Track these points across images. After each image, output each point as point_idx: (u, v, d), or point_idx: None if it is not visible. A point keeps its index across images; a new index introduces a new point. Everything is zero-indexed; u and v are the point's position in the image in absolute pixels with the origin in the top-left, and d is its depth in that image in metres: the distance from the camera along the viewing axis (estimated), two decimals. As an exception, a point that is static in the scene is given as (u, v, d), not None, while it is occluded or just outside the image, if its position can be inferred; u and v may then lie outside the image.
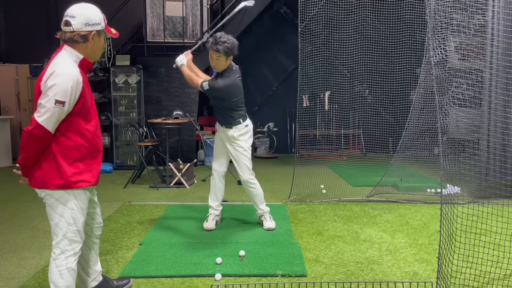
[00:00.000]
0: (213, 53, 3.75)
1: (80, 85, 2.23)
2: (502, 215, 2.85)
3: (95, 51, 2.34)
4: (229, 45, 3.71)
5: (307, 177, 5.67)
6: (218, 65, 3.79)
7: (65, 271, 2.31)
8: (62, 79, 2.16)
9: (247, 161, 3.94)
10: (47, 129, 2.16)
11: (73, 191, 2.28)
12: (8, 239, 3.88)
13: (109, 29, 2.39)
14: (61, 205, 2.29)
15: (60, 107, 2.15)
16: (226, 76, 3.82)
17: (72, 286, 2.35)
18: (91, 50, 2.31)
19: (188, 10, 8.15)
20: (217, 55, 3.73)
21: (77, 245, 2.35)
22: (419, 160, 5.44)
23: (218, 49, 3.69)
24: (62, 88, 2.15)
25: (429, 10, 2.97)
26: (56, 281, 2.31)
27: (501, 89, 4.67)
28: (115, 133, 7.68)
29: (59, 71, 2.18)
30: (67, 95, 2.16)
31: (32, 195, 5.88)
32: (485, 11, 4.48)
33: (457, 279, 2.64)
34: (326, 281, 2.91)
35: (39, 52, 8.54)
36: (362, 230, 4.04)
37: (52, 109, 2.14)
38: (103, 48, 2.38)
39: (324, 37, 6.28)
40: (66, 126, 2.24)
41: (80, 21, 2.26)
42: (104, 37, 2.38)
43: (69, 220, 2.30)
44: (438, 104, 2.80)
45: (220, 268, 3.12)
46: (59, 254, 2.31)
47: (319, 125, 8.16)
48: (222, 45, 3.69)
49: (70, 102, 2.19)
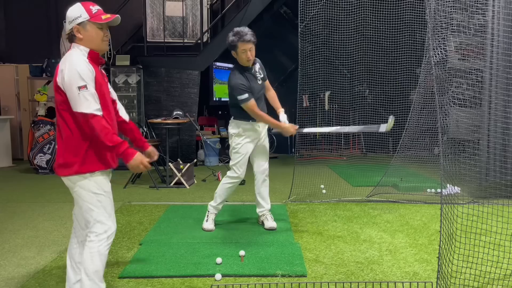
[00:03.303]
0: (247, 45, 3.72)
1: (91, 69, 2.31)
2: (502, 215, 2.84)
3: (91, 41, 2.39)
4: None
5: (307, 177, 5.67)
6: (252, 55, 3.81)
7: (96, 255, 2.37)
8: (70, 68, 2.27)
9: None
10: (88, 112, 2.25)
11: (91, 174, 2.37)
12: (8, 239, 3.88)
13: (96, 18, 2.39)
14: (84, 190, 2.38)
15: (85, 91, 2.25)
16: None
17: (100, 272, 2.40)
18: (87, 42, 2.38)
19: (188, 10, 8.15)
20: (250, 46, 3.75)
21: (108, 227, 2.41)
22: (419, 160, 5.44)
23: (249, 40, 3.72)
24: (74, 75, 2.26)
25: (429, 10, 2.97)
26: (86, 265, 2.37)
27: (501, 89, 4.66)
28: (115, 133, 7.66)
29: (65, 64, 2.31)
30: (82, 78, 2.26)
31: (32, 195, 5.84)
32: (485, 11, 4.47)
33: (457, 279, 2.64)
34: (326, 281, 2.91)
35: (39, 52, 8.55)
36: (362, 230, 4.04)
37: (80, 96, 2.25)
38: (102, 37, 2.41)
39: (324, 37, 6.27)
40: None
41: (67, 22, 2.40)
42: (96, 27, 2.39)
43: (96, 204, 2.38)
44: (438, 104, 2.80)
45: (220, 268, 3.12)
46: (93, 237, 2.39)
47: (319, 125, 8.16)
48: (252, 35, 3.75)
49: (91, 84, 2.28)
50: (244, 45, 3.72)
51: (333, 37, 6.24)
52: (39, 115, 7.30)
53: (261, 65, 4.03)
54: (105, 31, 2.43)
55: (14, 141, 8.34)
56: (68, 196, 5.64)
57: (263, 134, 4.05)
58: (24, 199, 5.41)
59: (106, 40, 2.46)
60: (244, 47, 3.72)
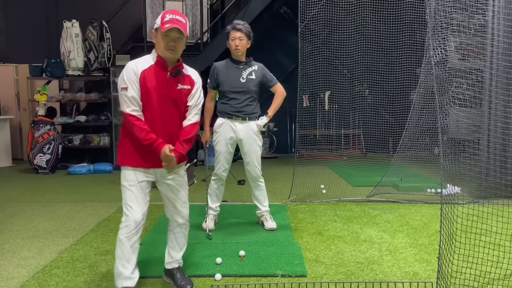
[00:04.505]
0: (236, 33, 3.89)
1: (135, 74, 2.56)
2: (502, 215, 2.84)
3: (158, 48, 2.62)
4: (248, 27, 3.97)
5: (307, 177, 5.67)
6: (240, 45, 3.89)
7: (118, 241, 2.62)
8: (122, 72, 2.61)
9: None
10: (126, 112, 2.57)
11: (124, 168, 2.66)
12: (8, 239, 3.87)
13: (162, 26, 2.55)
14: (121, 179, 2.67)
15: (124, 92, 2.55)
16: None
17: (120, 258, 2.61)
18: (156, 47, 2.64)
19: (188, 10, 8.16)
20: (240, 35, 3.89)
21: (127, 218, 2.60)
22: (419, 160, 5.44)
23: (240, 29, 3.88)
24: (120, 78, 2.59)
25: (429, 10, 2.97)
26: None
27: (501, 89, 4.66)
28: (115, 133, 7.66)
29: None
30: (125, 81, 2.55)
31: (32, 195, 5.83)
32: (485, 11, 4.47)
33: (457, 279, 2.64)
34: (326, 281, 2.91)
35: (39, 52, 8.55)
36: (362, 230, 4.04)
37: (121, 96, 2.57)
38: (165, 45, 2.57)
39: (324, 37, 6.27)
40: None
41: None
42: (162, 34, 2.56)
43: (123, 193, 2.66)
44: (438, 104, 2.80)
45: (220, 268, 3.12)
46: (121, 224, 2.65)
47: (319, 125, 8.16)
48: (243, 26, 3.90)
49: (133, 87, 2.55)
50: (234, 33, 3.88)
51: (333, 37, 6.24)
52: (39, 115, 7.30)
53: (262, 71, 4.01)
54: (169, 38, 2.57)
55: (14, 141, 8.34)
56: (68, 196, 5.66)
57: (246, 136, 3.95)
58: (24, 199, 5.41)
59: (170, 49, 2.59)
60: (234, 35, 3.88)
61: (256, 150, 4.00)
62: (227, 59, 4.04)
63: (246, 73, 3.95)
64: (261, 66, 4.04)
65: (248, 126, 3.95)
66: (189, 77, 2.74)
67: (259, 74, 3.98)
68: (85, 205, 5.06)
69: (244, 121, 3.94)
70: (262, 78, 3.99)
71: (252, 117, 3.97)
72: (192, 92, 2.72)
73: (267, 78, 4.03)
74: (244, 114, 3.94)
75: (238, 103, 3.92)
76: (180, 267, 2.93)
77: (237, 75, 3.94)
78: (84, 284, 2.91)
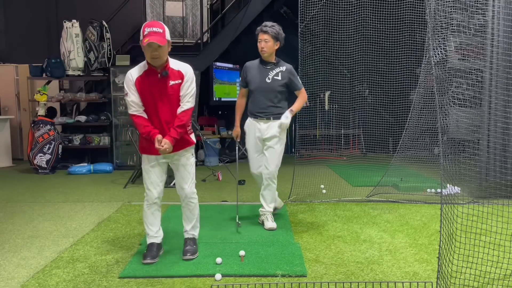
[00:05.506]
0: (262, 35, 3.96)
1: (131, 81, 3.10)
2: (502, 215, 2.84)
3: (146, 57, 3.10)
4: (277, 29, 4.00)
5: (307, 177, 5.67)
6: (266, 47, 3.94)
7: (143, 210, 3.36)
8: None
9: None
10: (130, 113, 3.16)
11: (143, 155, 3.30)
12: (8, 239, 3.87)
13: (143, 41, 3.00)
14: (142, 163, 3.32)
15: (126, 97, 3.14)
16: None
17: (146, 223, 3.35)
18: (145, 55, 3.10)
19: (188, 10, 8.16)
20: (266, 37, 3.94)
21: (146, 195, 3.30)
22: (419, 160, 5.44)
23: (266, 31, 3.93)
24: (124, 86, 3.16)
25: (429, 10, 2.97)
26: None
27: (501, 89, 4.66)
28: (115, 133, 7.67)
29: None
30: (125, 89, 3.13)
31: (32, 195, 5.83)
32: (485, 11, 4.47)
33: (457, 279, 2.64)
34: (326, 281, 2.91)
35: (39, 52, 8.55)
36: (362, 230, 4.04)
37: (126, 100, 3.17)
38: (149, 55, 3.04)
39: (324, 37, 6.27)
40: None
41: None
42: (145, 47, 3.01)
43: (143, 174, 3.31)
44: (438, 104, 2.80)
45: (220, 268, 3.12)
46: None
47: (319, 125, 8.16)
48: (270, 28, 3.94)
49: (132, 92, 3.10)
50: (261, 35, 3.97)
51: (333, 37, 6.23)
52: (39, 115, 7.30)
53: (289, 73, 4.01)
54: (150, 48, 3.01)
55: (14, 141, 8.34)
56: (68, 196, 5.66)
57: (269, 134, 3.99)
58: (24, 199, 5.41)
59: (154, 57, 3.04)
60: (261, 37, 3.98)
61: (277, 149, 4.03)
62: (258, 58, 4.11)
63: (273, 74, 3.98)
64: (289, 68, 4.05)
65: (272, 126, 3.99)
66: (179, 72, 3.16)
67: (285, 76, 4.00)
68: (85, 205, 5.07)
69: (268, 120, 4.00)
70: (288, 80, 4.01)
71: (277, 117, 3.99)
72: (182, 83, 3.16)
73: (293, 81, 4.04)
74: (268, 114, 4.00)
75: (263, 103, 3.99)
76: (192, 238, 3.45)
77: (264, 76, 3.99)
78: (84, 284, 2.91)
